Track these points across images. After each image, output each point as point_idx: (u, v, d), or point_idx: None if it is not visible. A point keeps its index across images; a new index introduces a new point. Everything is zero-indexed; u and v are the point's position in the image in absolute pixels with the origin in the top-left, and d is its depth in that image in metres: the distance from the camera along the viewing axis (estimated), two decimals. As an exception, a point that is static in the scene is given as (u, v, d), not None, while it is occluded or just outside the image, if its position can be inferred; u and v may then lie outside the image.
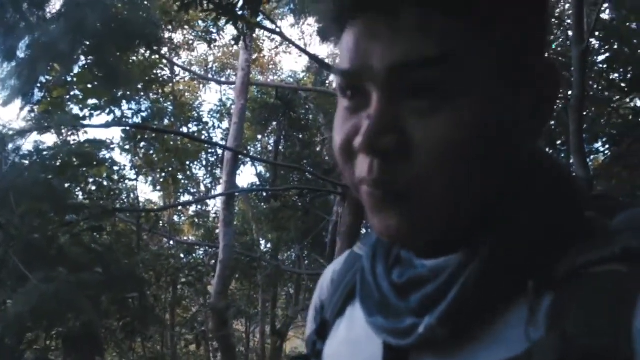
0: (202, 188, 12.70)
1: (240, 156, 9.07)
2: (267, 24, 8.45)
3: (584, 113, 4.23)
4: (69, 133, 9.06)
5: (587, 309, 0.50)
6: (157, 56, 9.08)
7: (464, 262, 0.56)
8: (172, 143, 8.37)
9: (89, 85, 5.75)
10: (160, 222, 7.73)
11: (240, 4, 5.19)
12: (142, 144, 7.35)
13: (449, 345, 0.57)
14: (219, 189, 12.59)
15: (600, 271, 0.52)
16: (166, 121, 9.29)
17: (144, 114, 7.20)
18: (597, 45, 6.05)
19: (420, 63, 0.53)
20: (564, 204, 0.58)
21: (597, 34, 5.33)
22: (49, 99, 5.69)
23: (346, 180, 0.60)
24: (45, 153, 6.08)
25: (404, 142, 0.54)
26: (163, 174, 7.56)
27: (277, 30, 8.28)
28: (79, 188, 6.81)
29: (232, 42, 5.91)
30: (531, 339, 0.52)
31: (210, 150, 11.93)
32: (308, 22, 14.21)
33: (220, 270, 7.37)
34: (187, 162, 10.17)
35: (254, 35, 10.53)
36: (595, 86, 6.24)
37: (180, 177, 9.27)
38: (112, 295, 5.34)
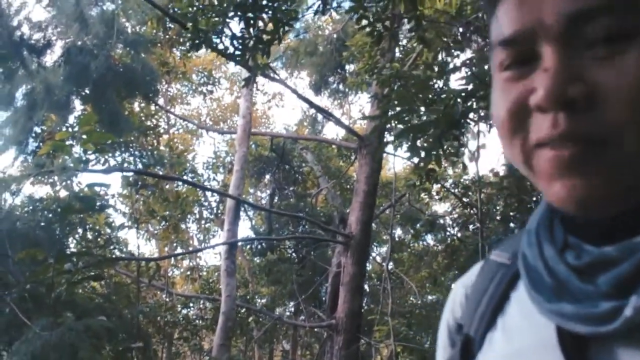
0: (195, 242, 12.46)
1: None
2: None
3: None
4: (62, 184, 8.88)
5: None
6: (154, 106, 9.04)
7: None
8: (170, 192, 8.20)
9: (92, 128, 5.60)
10: (155, 275, 7.47)
11: (252, 43, 5.17)
12: (143, 191, 7.17)
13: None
14: (216, 240, 12.38)
15: None
16: (161, 172, 9.16)
17: (145, 161, 7.05)
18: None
19: (603, 9, 0.51)
20: None
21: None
22: (51, 142, 5.54)
23: (513, 156, 0.57)
24: (45, 202, 5.92)
25: (590, 91, 0.51)
26: (163, 223, 7.37)
27: (277, 77, 8.30)
28: (73, 236, 6.60)
29: (241, 84, 5.85)
30: None
31: (204, 204, 11.77)
32: (300, 76, 14.41)
33: (223, 321, 7.07)
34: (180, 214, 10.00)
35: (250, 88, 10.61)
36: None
37: (182, 226, 9.06)
38: (116, 345, 5.05)
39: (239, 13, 4.80)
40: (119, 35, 6.71)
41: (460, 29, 5.78)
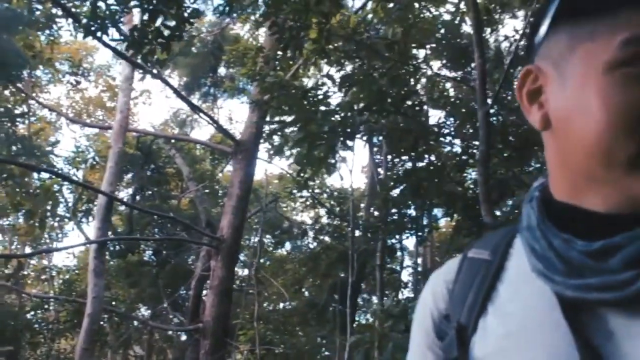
0: (47, 240, 11.59)
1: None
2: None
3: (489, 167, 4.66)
4: None
5: None
6: (20, 93, 8.36)
7: None
8: (29, 184, 7.59)
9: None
10: (17, 273, 6.85)
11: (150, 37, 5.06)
12: (7, 182, 6.57)
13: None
14: (73, 238, 11.59)
15: None
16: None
17: (14, 149, 6.49)
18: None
19: None
20: None
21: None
22: None
23: (619, 154, 0.60)
24: None
25: None
26: (26, 217, 6.78)
27: (159, 73, 8.10)
28: None
29: (106, 77, 5.67)
30: None
31: (61, 200, 11.01)
32: (171, 75, 14.09)
33: (88, 324, 6.70)
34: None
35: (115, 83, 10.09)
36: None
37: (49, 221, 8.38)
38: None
39: (144, 5, 4.68)
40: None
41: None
